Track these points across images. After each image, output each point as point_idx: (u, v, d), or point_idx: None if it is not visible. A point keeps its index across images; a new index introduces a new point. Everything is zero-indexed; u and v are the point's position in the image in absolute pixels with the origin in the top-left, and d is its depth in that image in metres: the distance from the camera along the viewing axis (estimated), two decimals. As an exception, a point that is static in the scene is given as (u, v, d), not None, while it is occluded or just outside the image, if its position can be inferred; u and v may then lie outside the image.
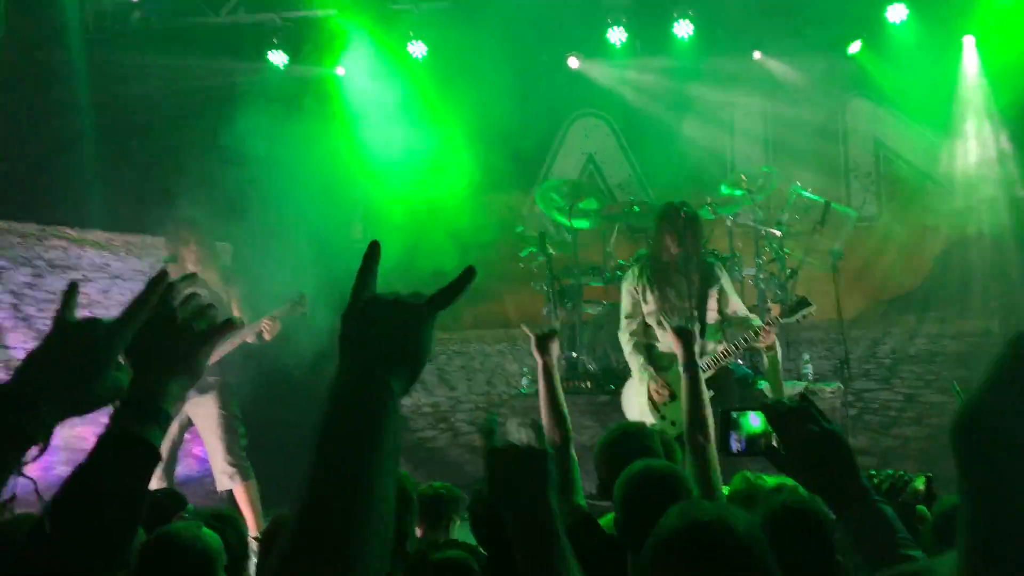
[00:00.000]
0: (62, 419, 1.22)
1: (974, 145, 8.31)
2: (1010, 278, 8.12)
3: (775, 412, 1.58)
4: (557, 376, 3.47)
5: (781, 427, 1.57)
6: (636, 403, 5.51)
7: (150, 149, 8.27)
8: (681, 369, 3.39)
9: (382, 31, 8.16)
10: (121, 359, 1.29)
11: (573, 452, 3.25)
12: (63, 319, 1.28)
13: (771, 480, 2.91)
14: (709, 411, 3.22)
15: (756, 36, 8.26)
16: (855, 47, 8.23)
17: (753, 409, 1.66)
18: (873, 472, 2.38)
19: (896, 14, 7.76)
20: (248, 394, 6.53)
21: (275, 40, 8.20)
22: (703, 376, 4.97)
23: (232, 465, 5.73)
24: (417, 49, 8.19)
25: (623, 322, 5.72)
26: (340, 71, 8.50)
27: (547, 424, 3.39)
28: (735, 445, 1.68)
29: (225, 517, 2.88)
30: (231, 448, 5.75)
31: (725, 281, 5.58)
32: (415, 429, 8.50)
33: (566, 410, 3.38)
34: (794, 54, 8.26)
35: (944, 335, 8.31)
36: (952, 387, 2.75)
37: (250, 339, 5.86)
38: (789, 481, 2.39)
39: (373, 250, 1.20)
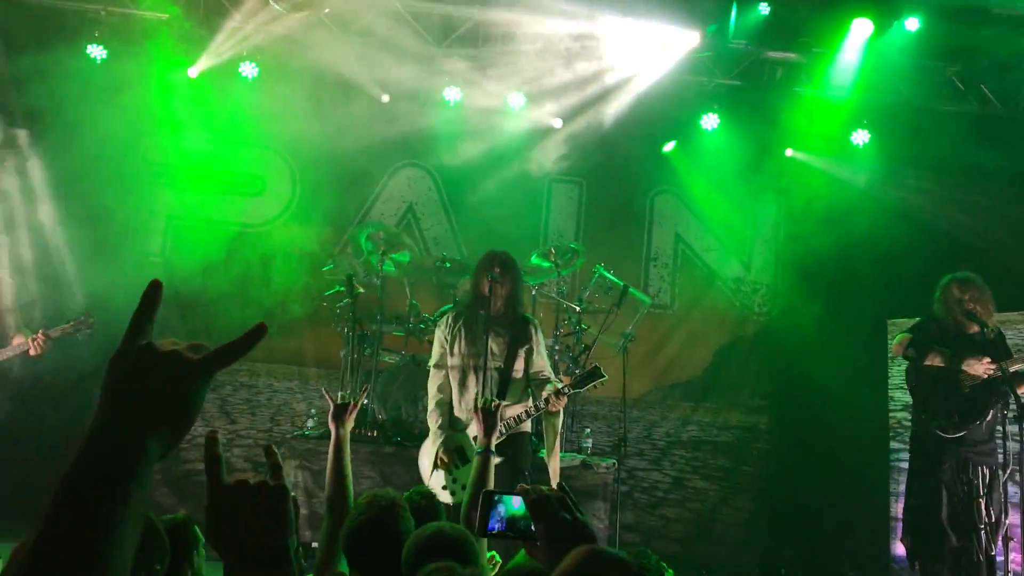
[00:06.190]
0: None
1: (757, 259, 9.08)
2: (780, 380, 8.82)
3: (532, 497, 1.63)
4: (348, 451, 3.40)
5: (537, 512, 1.62)
6: (429, 464, 5.44)
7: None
8: (477, 450, 3.45)
9: (215, 45, 7.90)
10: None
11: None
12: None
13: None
14: None
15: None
16: (669, 146, 8.80)
17: (514, 494, 1.70)
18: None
19: (709, 122, 8.38)
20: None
21: (96, 33, 7.75)
22: (499, 440, 5.03)
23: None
24: (249, 70, 8.00)
25: (431, 371, 5.55)
26: (167, 76, 8.12)
27: (330, 497, 3.32)
28: (495, 525, 1.72)
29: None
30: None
31: (537, 341, 5.48)
32: (185, 460, 8.06)
33: (351, 487, 3.33)
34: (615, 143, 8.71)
35: (714, 425, 8.88)
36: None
37: (9, 354, 5.46)
38: None
39: (153, 291, 1.09)
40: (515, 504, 1.72)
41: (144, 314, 1.08)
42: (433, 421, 5.43)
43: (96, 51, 7.77)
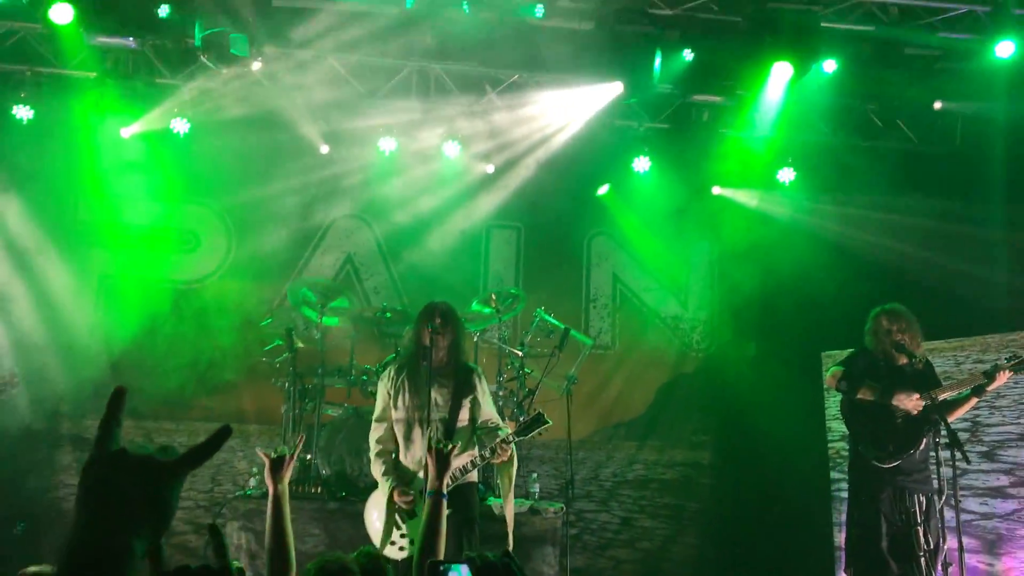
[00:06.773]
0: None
1: (693, 297, 9.25)
2: (721, 416, 8.93)
3: (479, 566, 1.64)
4: (287, 507, 3.33)
5: None
6: (377, 518, 5.36)
7: None
8: (427, 492, 3.39)
9: (145, 102, 7.84)
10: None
11: None
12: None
13: None
14: (443, 540, 3.24)
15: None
16: (603, 190, 8.96)
17: (460, 562, 1.71)
18: None
19: (640, 165, 8.54)
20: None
21: (22, 93, 7.62)
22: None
23: None
24: (180, 125, 7.93)
25: (373, 424, 5.53)
26: (97, 134, 8.02)
27: (271, 559, 3.21)
28: None
29: None
30: None
31: (481, 390, 5.49)
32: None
33: (292, 544, 3.23)
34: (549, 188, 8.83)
35: (659, 463, 8.94)
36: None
37: None
38: None
39: (118, 397, 1.13)
40: (464, 573, 1.73)
41: (112, 419, 1.11)
42: (377, 470, 5.40)
43: (22, 111, 7.63)
